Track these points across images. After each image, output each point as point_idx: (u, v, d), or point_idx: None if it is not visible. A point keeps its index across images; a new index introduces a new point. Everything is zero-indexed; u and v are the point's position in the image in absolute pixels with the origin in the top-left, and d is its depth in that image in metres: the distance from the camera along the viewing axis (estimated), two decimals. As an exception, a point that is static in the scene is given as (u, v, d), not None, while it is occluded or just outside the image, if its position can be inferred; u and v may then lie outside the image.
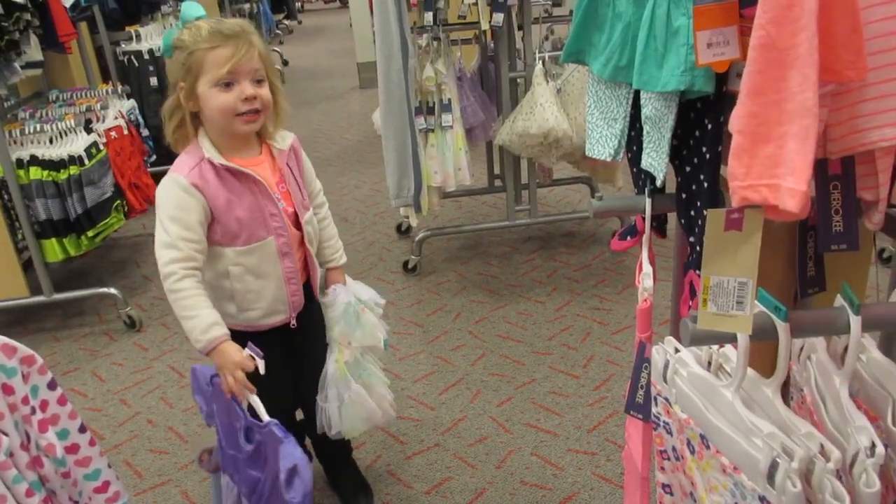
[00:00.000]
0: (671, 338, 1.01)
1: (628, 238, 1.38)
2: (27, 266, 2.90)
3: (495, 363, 2.55)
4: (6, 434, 1.19)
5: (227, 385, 1.41)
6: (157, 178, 2.06)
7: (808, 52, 0.68)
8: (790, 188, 0.69)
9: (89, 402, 2.51)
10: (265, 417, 1.35)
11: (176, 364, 2.71)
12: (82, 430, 1.32)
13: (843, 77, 0.79)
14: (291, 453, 1.27)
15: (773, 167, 0.71)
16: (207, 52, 1.43)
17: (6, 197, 2.78)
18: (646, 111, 1.12)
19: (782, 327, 0.84)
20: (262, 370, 1.41)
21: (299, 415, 1.90)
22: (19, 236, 2.84)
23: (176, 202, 1.45)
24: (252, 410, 1.39)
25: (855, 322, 0.84)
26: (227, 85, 1.43)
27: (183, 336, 2.87)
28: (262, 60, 1.48)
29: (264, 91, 1.48)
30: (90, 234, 2.87)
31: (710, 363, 0.97)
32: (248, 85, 1.44)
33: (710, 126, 1.08)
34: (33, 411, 1.24)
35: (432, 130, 2.90)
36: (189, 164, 1.49)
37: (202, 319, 1.42)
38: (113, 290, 3.00)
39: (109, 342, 2.91)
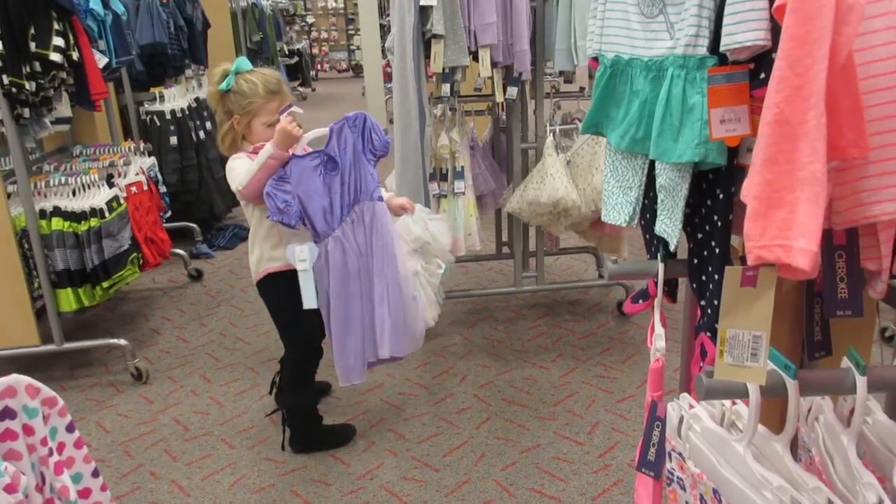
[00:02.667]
0: (686, 394, 1.05)
1: (640, 301, 1.43)
2: (39, 314, 2.94)
3: (500, 427, 2.56)
4: (24, 474, 1.21)
5: (291, 131, 2.01)
6: (172, 233, 2.33)
7: (817, 127, 0.76)
8: (802, 248, 0.75)
9: (93, 453, 2.50)
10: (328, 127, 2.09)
11: (181, 417, 2.72)
12: (95, 474, 1.33)
13: (847, 154, 0.86)
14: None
15: (785, 229, 0.77)
16: (263, 104, 2.12)
17: (26, 246, 2.85)
18: (661, 180, 1.19)
19: (791, 385, 0.89)
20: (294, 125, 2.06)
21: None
22: (35, 285, 2.89)
23: (243, 160, 2.12)
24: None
25: (861, 382, 0.89)
26: (271, 125, 2.11)
27: (189, 390, 2.89)
28: None
29: None
30: (105, 285, 2.93)
31: (723, 419, 1.01)
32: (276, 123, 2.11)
33: (721, 196, 1.15)
34: (51, 453, 1.26)
35: (445, 196, 2.99)
36: (244, 153, 2.17)
37: (259, 156, 2.05)
38: (122, 342, 3.03)
39: (115, 393, 2.92)
